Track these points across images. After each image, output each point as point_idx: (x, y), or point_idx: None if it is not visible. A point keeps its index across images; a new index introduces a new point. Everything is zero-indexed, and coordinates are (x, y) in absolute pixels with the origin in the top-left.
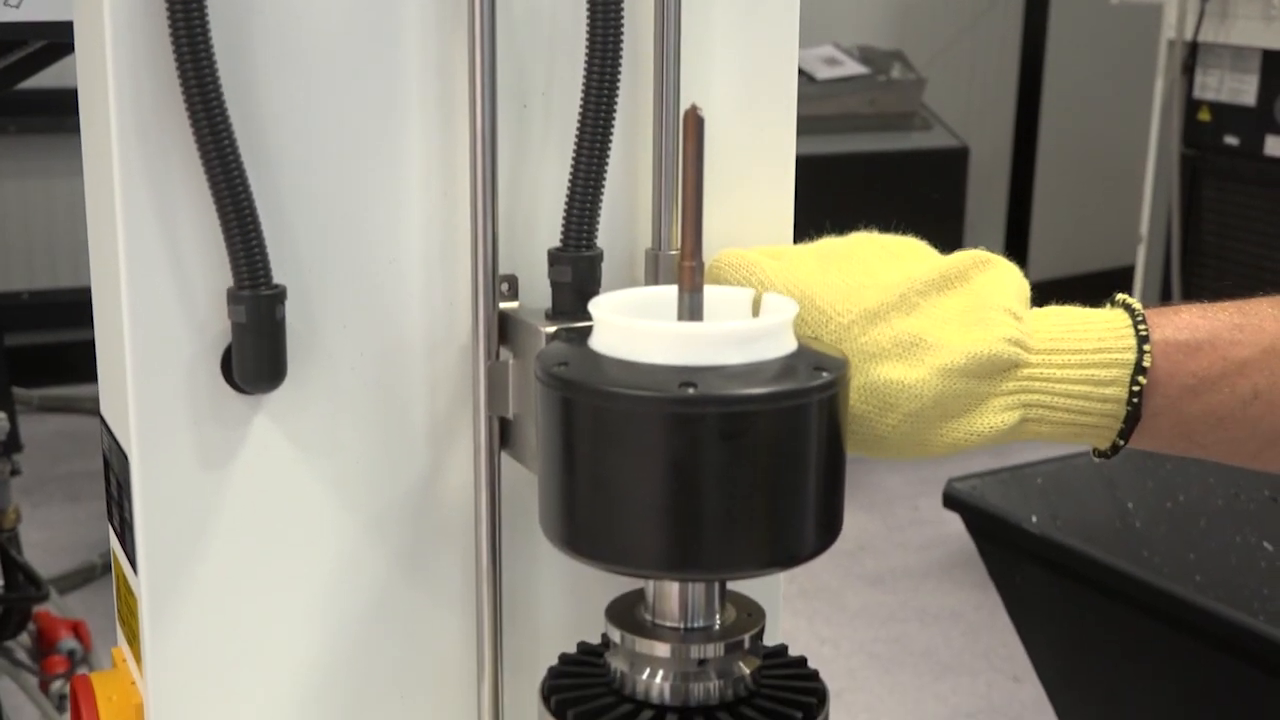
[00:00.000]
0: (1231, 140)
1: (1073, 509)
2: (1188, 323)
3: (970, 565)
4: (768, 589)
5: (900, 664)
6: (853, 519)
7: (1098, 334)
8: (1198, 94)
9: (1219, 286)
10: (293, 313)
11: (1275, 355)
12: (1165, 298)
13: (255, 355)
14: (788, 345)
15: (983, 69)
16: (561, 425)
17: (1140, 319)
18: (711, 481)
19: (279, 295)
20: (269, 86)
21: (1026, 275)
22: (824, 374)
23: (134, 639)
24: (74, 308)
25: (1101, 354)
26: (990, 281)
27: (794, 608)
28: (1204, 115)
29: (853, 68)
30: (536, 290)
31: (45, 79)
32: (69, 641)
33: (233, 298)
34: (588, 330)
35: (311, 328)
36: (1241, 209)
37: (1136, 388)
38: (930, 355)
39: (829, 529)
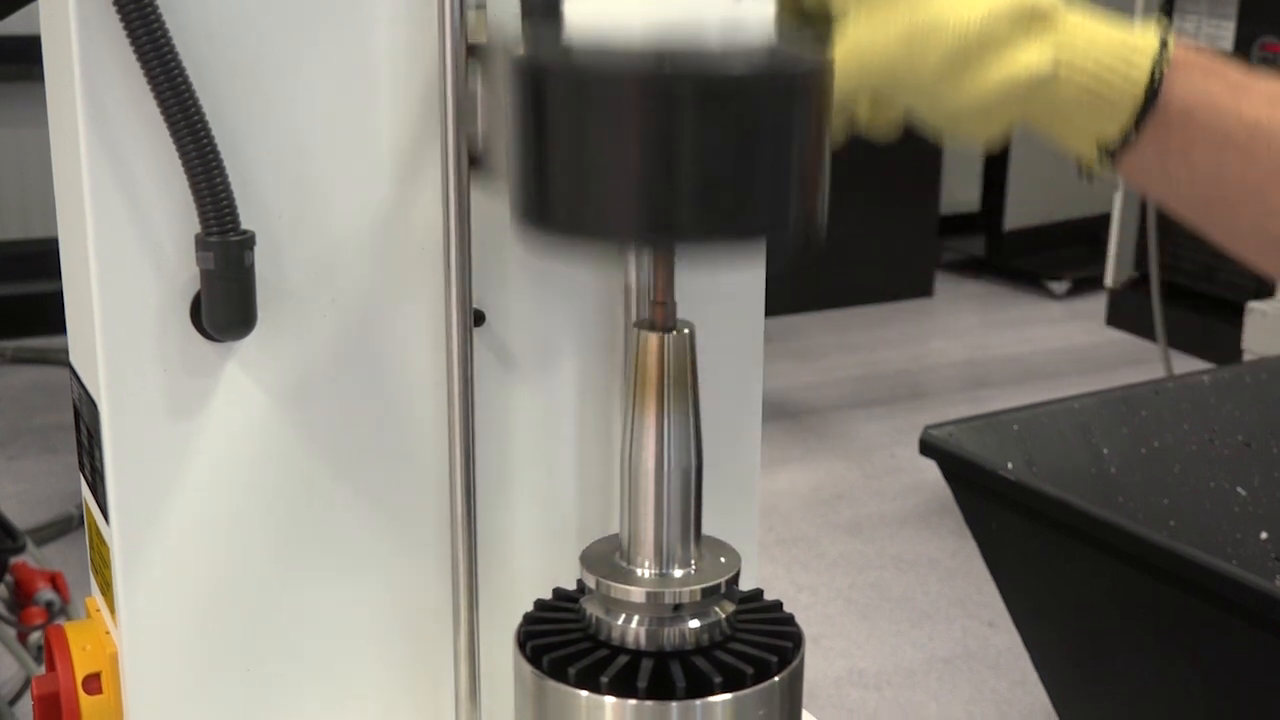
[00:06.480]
0: None
1: (1048, 455)
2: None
3: (946, 512)
4: (744, 536)
5: (877, 610)
6: (830, 468)
7: (1124, 28)
8: None
9: (1196, 233)
10: (262, 259)
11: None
12: (1141, 245)
13: (224, 302)
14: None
15: None
16: (531, 92)
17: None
18: (685, 142)
19: (247, 241)
20: (230, 27)
21: (1003, 223)
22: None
23: (107, 588)
24: (46, 258)
25: (1130, 37)
26: None
27: (772, 555)
28: None
29: None
30: None
31: (11, 25)
32: (46, 593)
33: (200, 244)
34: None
35: (281, 274)
36: None
37: (1159, 70)
38: None
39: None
